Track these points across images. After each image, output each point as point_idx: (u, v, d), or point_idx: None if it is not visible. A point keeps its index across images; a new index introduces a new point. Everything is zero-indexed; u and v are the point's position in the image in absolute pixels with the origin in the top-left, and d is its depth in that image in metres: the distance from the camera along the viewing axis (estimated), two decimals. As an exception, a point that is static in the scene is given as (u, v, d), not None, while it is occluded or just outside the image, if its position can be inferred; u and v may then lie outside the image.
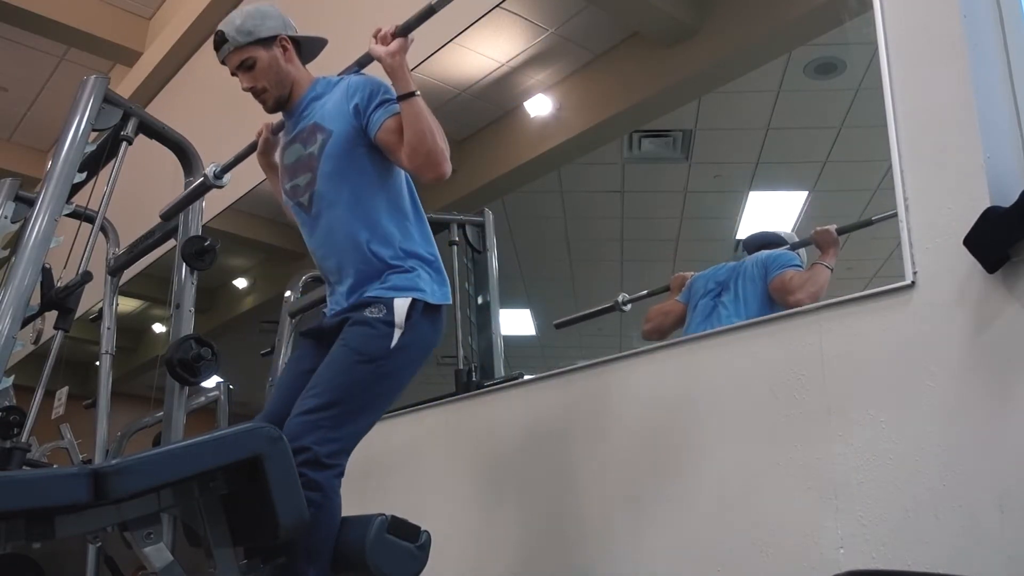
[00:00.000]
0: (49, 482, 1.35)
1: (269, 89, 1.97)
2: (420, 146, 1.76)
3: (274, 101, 1.98)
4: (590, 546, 2.27)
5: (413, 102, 1.78)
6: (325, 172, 1.88)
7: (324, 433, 1.68)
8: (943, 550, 1.58)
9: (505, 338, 3.13)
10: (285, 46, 1.98)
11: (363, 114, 1.86)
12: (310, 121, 1.93)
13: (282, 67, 1.97)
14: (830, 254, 2.49)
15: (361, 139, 1.87)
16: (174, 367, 2.61)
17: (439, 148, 1.77)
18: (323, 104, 1.94)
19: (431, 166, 1.78)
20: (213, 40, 2.04)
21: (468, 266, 3.17)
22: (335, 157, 1.87)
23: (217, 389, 4.23)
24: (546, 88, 3.43)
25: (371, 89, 1.88)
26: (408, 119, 1.78)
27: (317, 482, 1.63)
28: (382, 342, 1.78)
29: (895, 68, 1.84)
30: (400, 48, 1.80)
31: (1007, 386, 1.56)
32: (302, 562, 1.61)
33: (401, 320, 1.79)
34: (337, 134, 1.87)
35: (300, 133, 1.95)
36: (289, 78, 1.98)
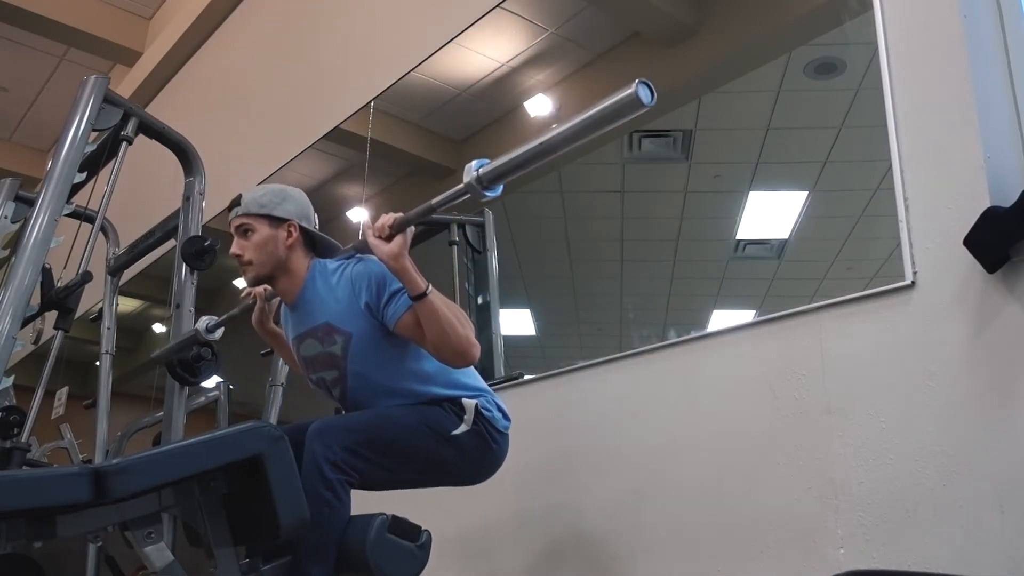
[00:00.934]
0: (50, 482, 1.35)
1: (253, 263, 1.89)
2: (444, 344, 1.72)
3: (253, 276, 1.91)
4: (590, 546, 2.27)
5: (427, 301, 1.70)
6: (355, 371, 1.85)
7: (351, 444, 1.69)
8: (943, 550, 1.58)
9: (505, 338, 3.12)
10: (291, 232, 1.90)
11: (376, 312, 1.80)
12: (320, 320, 1.87)
13: (276, 249, 1.89)
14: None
15: (381, 332, 1.82)
16: (174, 367, 2.61)
17: (463, 338, 1.72)
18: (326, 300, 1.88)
19: (458, 357, 1.75)
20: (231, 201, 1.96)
21: (468, 266, 3.17)
22: (362, 356, 1.84)
23: (217, 389, 4.22)
24: (546, 88, 3.42)
25: (377, 285, 1.80)
26: (426, 319, 1.71)
27: (332, 482, 1.63)
28: (447, 423, 1.80)
29: (895, 68, 1.84)
30: (402, 248, 1.68)
31: (1007, 386, 1.56)
32: (308, 561, 1.61)
33: (470, 418, 1.82)
34: (357, 336, 1.83)
35: (313, 331, 1.89)
36: (279, 262, 1.89)
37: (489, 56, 3.49)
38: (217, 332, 2.42)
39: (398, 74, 3.68)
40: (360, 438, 1.71)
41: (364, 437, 1.71)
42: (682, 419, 2.12)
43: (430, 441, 1.79)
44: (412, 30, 3.76)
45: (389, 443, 1.75)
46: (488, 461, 1.90)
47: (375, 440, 1.73)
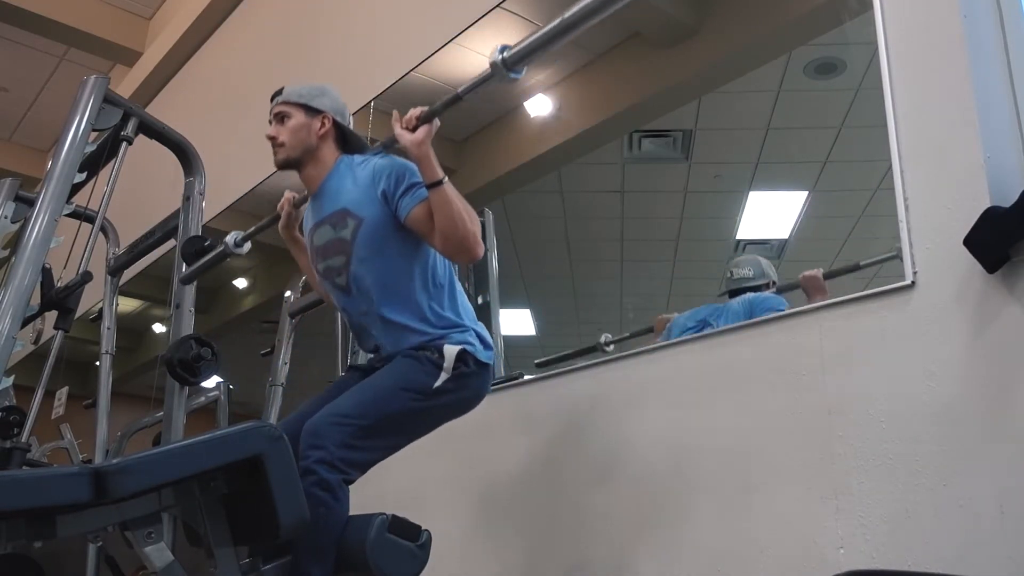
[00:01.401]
0: (50, 482, 1.35)
1: (285, 146, 1.99)
2: (453, 234, 1.79)
3: (283, 158, 2.00)
4: (590, 546, 2.27)
5: (442, 190, 1.78)
6: (360, 257, 1.90)
7: (345, 438, 1.69)
8: (943, 550, 1.58)
9: (505, 338, 3.12)
10: (325, 123, 1.99)
11: (391, 200, 1.87)
12: (338, 206, 1.94)
13: (309, 136, 1.98)
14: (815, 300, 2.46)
15: (392, 223, 1.89)
16: (174, 367, 2.61)
17: (471, 233, 1.80)
18: (348, 187, 1.95)
19: (464, 251, 1.82)
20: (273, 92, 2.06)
21: (468, 266, 3.17)
22: (368, 243, 1.89)
23: (217, 389, 4.22)
24: (546, 88, 3.43)
25: (397, 175, 1.88)
26: (438, 207, 1.79)
27: (328, 482, 1.63)
28: (427, 379, 1.82)
29: (895, 68, 1.84)
30: (427, 136, 1.80)
31: (1007, 386, 1.56)
32: (307, 561, 1.61)
33: (449, 366, 1.83)
34: (368, 221, 1.89)
35: (329, 217, 1.96)
36: (310, 150, 1.99)
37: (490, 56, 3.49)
38: (245, 246, 2.43)
39: (398, 74, 3.68)
40: (352, 431, 1.71)
41: (355, 428, 1.72)
42: (682, 419, 2.12)
43: (415, 403, 1.81)
44: (412, 30, 3.76)
45: (379, 424, 1.76)
46: (473, 395, 1.93)
47: (366, 428, 1.73)
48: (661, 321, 2.85)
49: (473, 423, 2.77)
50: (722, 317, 2.57)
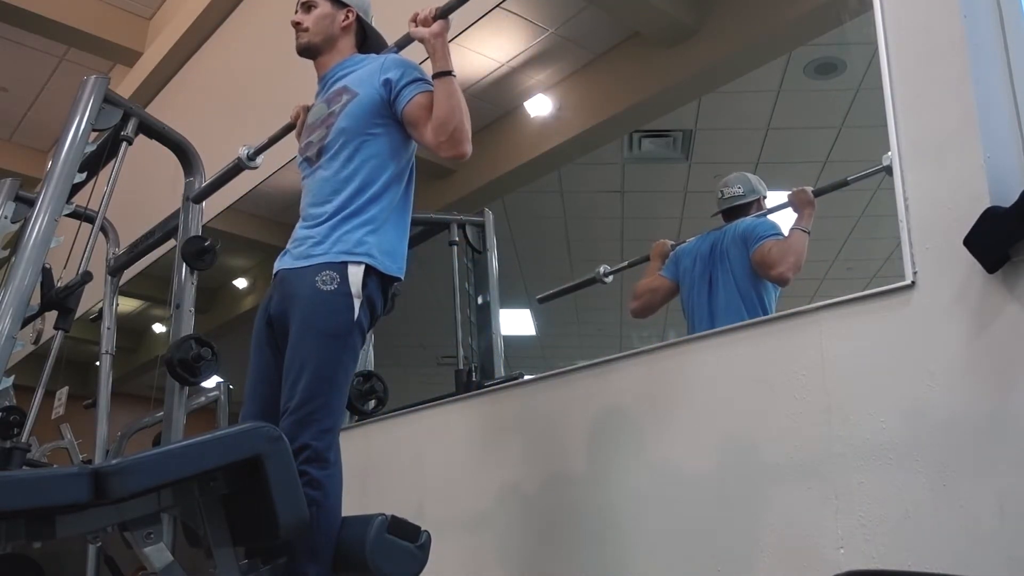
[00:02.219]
0: (49, 482, 1.35)
1: (309, 31, 2.04)
2: (449, 121, 1.82)
3: (305, 42, 2.05)
4: (590, 546, 2.27)
5: (449, 80, 1.85)
6: (339, 127, 1.93)
7: (318, 425, 1.70)
8: (943, 550, 1.58)
9: (505, 338, 3.12)
10: (349, 16, 2.06)
11: (393, 88, 1.91)
12: (339, 85, 2.00)
13: (333, 25, 2.04)
14: (805, 215, 2.48)
15: (383, 110, 1.92)
16: (174, 367, 2.61)
17: (465, 127, 1.84)
18: (354, 70, 2.01)
19: (455, 143, 1.84)
20: None
21: (468, 266, 3.17)
22: (352, 116, 1.92)
23: (217, 389, 4.23)
24: (546, 88, 3.43)
25: (406, 67, 1.94)
26: (442, 94, 1.84)
27: (319, 480, 1.64)
28: (344, 315, 1.79)
29: (895, 68, 1.84)
30: (443, 29, 1.87)
31: (1007, 386, 1.56)
32: (303, 561, 1.61)
33: (358, 289, 1.80)
34: (361, 97, 1.93)
35: (328, 94, 2.01)
36: (331, 38, 2.04)
37: (489, 56, 3.49)
38: (258, 159, 2.48)
39: (398, 74, 3.67)
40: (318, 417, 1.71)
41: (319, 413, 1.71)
42: (682, 419, 2.12)
43: (347, 345, 1.78)
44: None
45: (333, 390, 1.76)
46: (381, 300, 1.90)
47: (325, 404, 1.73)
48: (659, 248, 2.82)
49: (473, 423, 2.77)
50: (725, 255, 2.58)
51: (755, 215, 2.65)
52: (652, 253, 2.85)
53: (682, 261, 2.75)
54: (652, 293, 2.81)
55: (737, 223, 2.64)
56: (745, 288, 2.53)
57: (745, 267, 2.54)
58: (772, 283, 2.52)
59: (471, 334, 3.09)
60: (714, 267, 2.60)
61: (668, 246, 2.83)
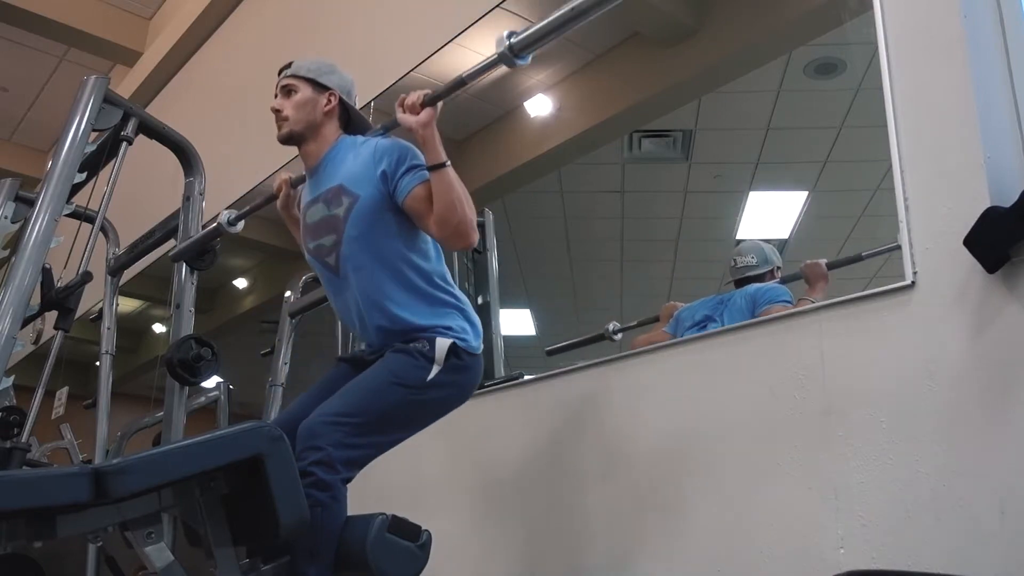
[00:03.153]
0: (50, 481, 1.35)
1: (289, 120, 1.96)
2: (450, 217, 1.77)
3: (287, 132, 1.97)
4: (590, 546, 2.27)
5: (444, 172, 1.77)
6: (351, 236, 1.87)
7: (342, 438, 1.68)
8: (943, 550, 1.58)
9: (505, 338, 3.12)
10: (331, 100, 1.98)
11: (391, 180, 1.85)
12: (334, 183, 1.91)
13: (315, 112, 1.96)
14: (818, 288, 2.43)
15: (388, 204, 1.86)
16: (174, 367, 2.61)
17: (468, 219, 1.78)
18: (346, 164, 1.92)
19: (459, 236, 1.80)
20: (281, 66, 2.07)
21: (468, 266, 3.17)
22: (361, 221, 1.86)
23: (217, 389, 4.23)
24: (546, 88, 3.43)
25: (399, 155, 1.86)
26: (438, 189, 1.77)
27: (326, 483, 1.63)
28: (419, 372, 1.80)
29: (895, 68, 1.84)
30: (431, 119, 1.78)
31: (1007, 386, 1.56)
32: (304, 562, 1.61)
33: (441, 358, 1.82)
34: (364, 199, 1.86)
35: (324, 193, 1.93)
36: (314, 126, 1.96)
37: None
38: (239, 225, 2.43)
39: (398, 74, 3.68)
40: (347, 430, 1.70)
41: (351, 427, 1.71)
42: (682, 420, 2.12)
43: (409, 397, 1.79)
44: (412, 30, 3.76)
45: (375, 421, 1.75)
46: (465, 386, 1.91)
47: (361, 425, 1.72)
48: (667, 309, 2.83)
49: (474, 423, 2.77)
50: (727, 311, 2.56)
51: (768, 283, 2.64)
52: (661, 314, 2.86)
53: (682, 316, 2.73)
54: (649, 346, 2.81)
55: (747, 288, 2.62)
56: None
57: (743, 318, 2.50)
58: None
59: (471, 334, 3.08)
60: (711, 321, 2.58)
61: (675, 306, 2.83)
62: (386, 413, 1.78)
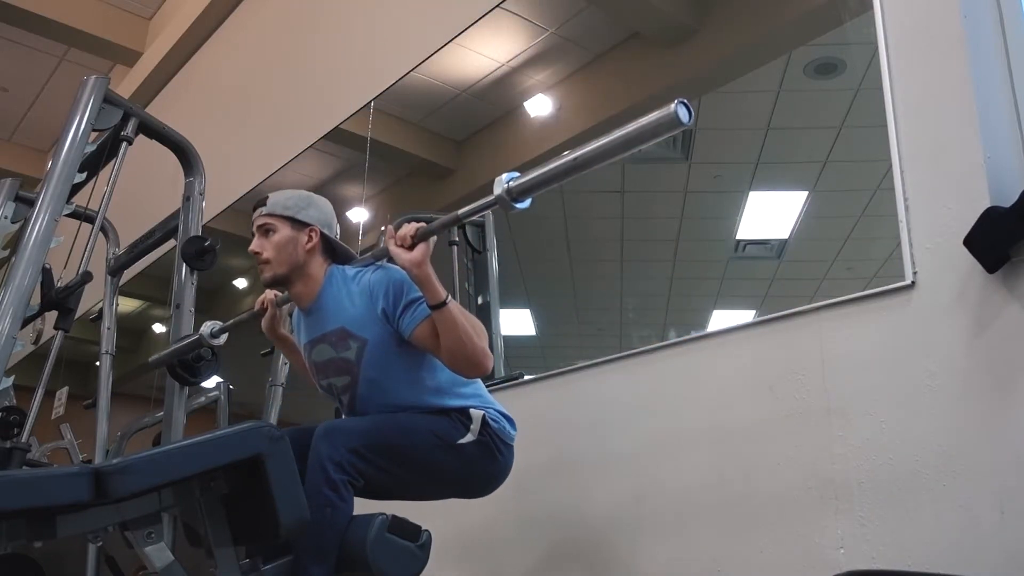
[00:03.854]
0: (50, 481, 1.35)
1: (271, 262, 1.89)
2: (459, 352, 1.72)
3: (271, 276, 1.90)
4: (590, 546, 2.27)
5: (446, 310, 1.70)
6: (369, 378, 1.84)
7: (355, 445, 1.68)
8: (943, 550, 1.58)
9: (505, 338, 3.12)
10: (312, 236, 1.91)
11: (392, 319, 1.80)
12: (336, 324, 1.86)
13: (296, 251, 1.89)
14: None
15: (395, 340, 1.82)
16: (174, 367, 2.61)
17: (479, 349, 1.73)
18: (344, 305, 1.87)
19: (473, 367, 1.75)
20: (256, 200, 1.97)
21: (468, 266, 3.17)
22: (375, 364, 1.83)
23: (217, 389, 4.22)
24: (546, 88, 3.42)
25: (395, 292, 1.80)
26: (443, 328, 1.71)
27: (335, 482, 1.63)
28: (453, 431, 1.80)
29: (895, 68, 1.84)
30: (424, 256, 1.67)
31: (1007, 386, 1.56)
32: (309, 561, 1.61)
33: (476, 427, 1.81)
34: (372, 343, 1.82)
35: (328, 335, 1.88)
36: (297, 265, 1.89)
37: (489, 56, 3.49)
38: (221, 337, 2.39)
39: (398, 74, 3.68)
40: (366, 441, 1.70)
41: (370, 440, 1.71)
42: (682, 420, 2.12)
43: (435, 449, 1.78)
44: (412, 30, 3.76)
45: (394, 448, 1.75)
46: (494, 472, 1.89)
47: (381, 444, 1.72)
48: None
49: (473, 423, 2.77)
50: None
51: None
52: None
53: None
54: None
55: None
56: None
57: None
58: None
59: (471, 334, 3.08)
60: None
61: None
62: (405, 448, 1.76)
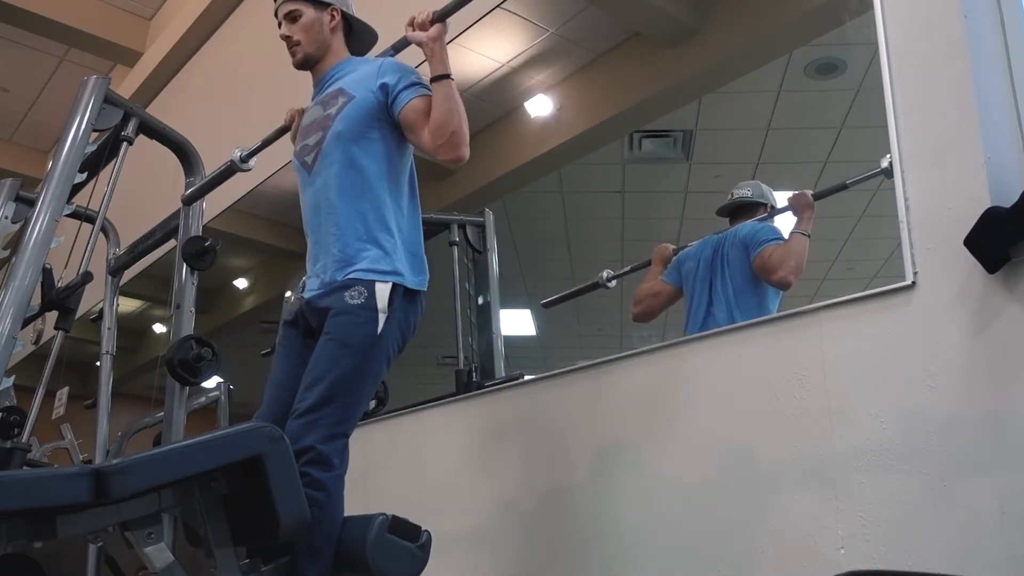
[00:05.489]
0: (50, 482, 1.35)
1: (302, 44, 2.02)
2: (447, 124, 1.81)
3: (303, 56, 2.03)
4: (590, 546, 2.27)
5: (448, 83, 1.83)
6: (336, 131, 1.91)
7: (325, 431, 1.69)
8: (943, 550, 1.58)
9: (505, 338, 3.12)
10: (334, 16, 2.04)
11: (391, 92, 1.90)
12: (335, 87, 1.98)
13: (322, 31, 2.02)
14: (805, 218, 2.50)
15: (380, 113, 1.91)
16: (174, 367, 2.61)
17: (463, 130, 1.82)
18: (350, 72, 2.00)
19: (452, 146, 1.82)
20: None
21: (468, 266, 3.17)
22: (349, 119, 1.91)
23: (217, 389, 4.22)
24: (547, 88, 3.43)
25: (403, 71, 1.93)
26: (439, 98, 1.83)
27: (321, 482, 1.63)
28: (367, 328, 1.79)
29: (895, 68, 1.84)
30: (440, 34, 1.86)
31: (1007, 386, 1.56)
32: (304, 561, 1.61)
33: (384, 305, 1.80)
34: (358, 100, 1.91)
35: (324, 96, 2.00)
36: (325, 44, 2.03)
37: (490, 56, 3.49)
38: (251, 161, 2.47)
39: (398, 74, 3.67)
40: (327, 421, 1.70)
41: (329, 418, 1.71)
42: (682, 419, 2.12)
43: (367, 358, 1.78)
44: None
45: (347, 399, 1.75)
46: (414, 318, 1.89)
47: (337, 410, 1.72)
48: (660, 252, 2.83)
49: (474, 423, 2.77)
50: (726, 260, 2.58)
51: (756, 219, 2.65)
52: (654, 257, 2.86)
53: (684, 265, 2.75)
54: (653, 298, 2.82)
55: (738, 228, 2.64)
56: (744, 292, 2.53)
57: (745, 272, 2.54)
58: (773, 288, 2.53)
59: (471, 334, 3.09)
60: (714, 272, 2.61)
61: (669, 251, 2.83)
62: (352, 387, 1.76)
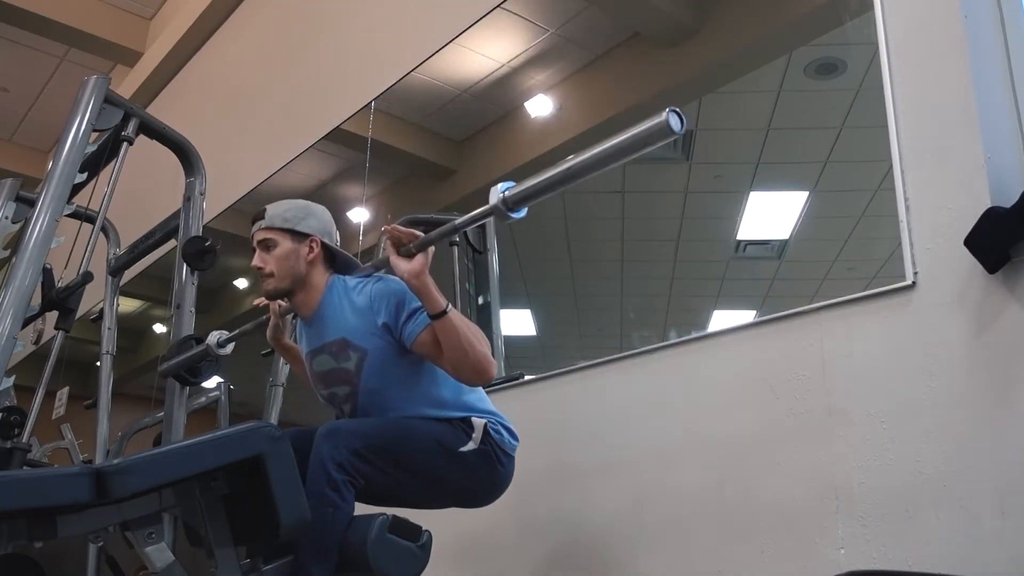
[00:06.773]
0: (51, 482, 1.35)
1: (274, 276, 1.90)
2: (463, 361, 1.74)
3: (273, 289, 1.92)
4: (589, 545, 2.27)
5: (446, 319, 1.71)
6: (369, 389, 1.85)
7: (357, 446, 1.68)
8: (943, 550, 1.58)
9: (505, 338, 3.12)
10: (313, 247, 1.91)
11: (394, 330, 1.81)
12: (337, 335, 1.87)
13: (298, 263, 1.90)
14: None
15: (396, 351, 1.83)
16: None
17: (481, 355, 1.74)
18: (346, 315, 1.88)
19: (477, 375, 1.77)
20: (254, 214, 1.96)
21: (469, 267, 3.17)
22: (375, 375, 1.84)
23: (218, 389, 4.22)
24: (547, 88, 3.42)
25: (396, 302, 1.81)
26: (444, 337, 1.72)
27: (337, 482, 1.63)
28: (455, 439, 1.80)
29: (896, 68, 1.84)
30: (424, 266, 1.69)
31: (1007, 386, 1.56)
32: (310, 561, 1.61)
33: (478, 436, 1.82)
34: (372, 353, 1.83)
35: (328, 345, 1.89)
36: (298, 276, 1.90)
37: (490, 56, 3.49)
38: (228, 347, 2.38)
39: (399, 74, 3.68)
40: (368, 442, 1.70)
41: (372, 442, 1.71)
42: (682, 420, 2.12)
43: (437, 455, 1.78)
44: (413, 30, 3.76)
45: (396, 451, 1.74)
46: (494, 481, 1.89)
47: (383, 447, 1.72)
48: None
49: (473, 423, 2.77)
50: None
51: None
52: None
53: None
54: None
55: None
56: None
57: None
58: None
59: (472, 334, 3.08)
60: None
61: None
62: (407, 452, 1.76)
